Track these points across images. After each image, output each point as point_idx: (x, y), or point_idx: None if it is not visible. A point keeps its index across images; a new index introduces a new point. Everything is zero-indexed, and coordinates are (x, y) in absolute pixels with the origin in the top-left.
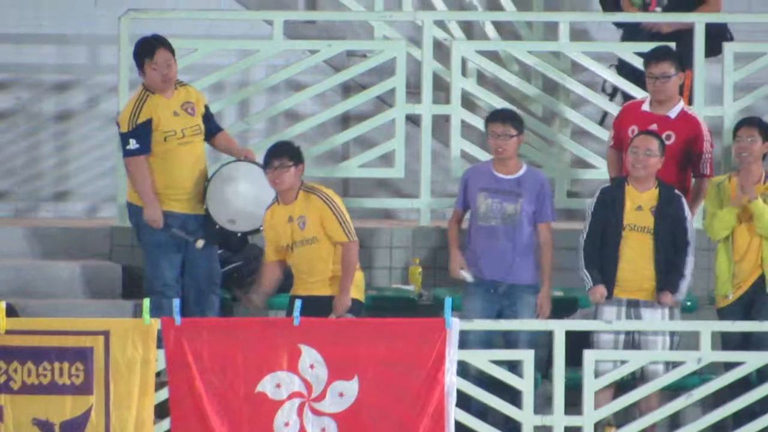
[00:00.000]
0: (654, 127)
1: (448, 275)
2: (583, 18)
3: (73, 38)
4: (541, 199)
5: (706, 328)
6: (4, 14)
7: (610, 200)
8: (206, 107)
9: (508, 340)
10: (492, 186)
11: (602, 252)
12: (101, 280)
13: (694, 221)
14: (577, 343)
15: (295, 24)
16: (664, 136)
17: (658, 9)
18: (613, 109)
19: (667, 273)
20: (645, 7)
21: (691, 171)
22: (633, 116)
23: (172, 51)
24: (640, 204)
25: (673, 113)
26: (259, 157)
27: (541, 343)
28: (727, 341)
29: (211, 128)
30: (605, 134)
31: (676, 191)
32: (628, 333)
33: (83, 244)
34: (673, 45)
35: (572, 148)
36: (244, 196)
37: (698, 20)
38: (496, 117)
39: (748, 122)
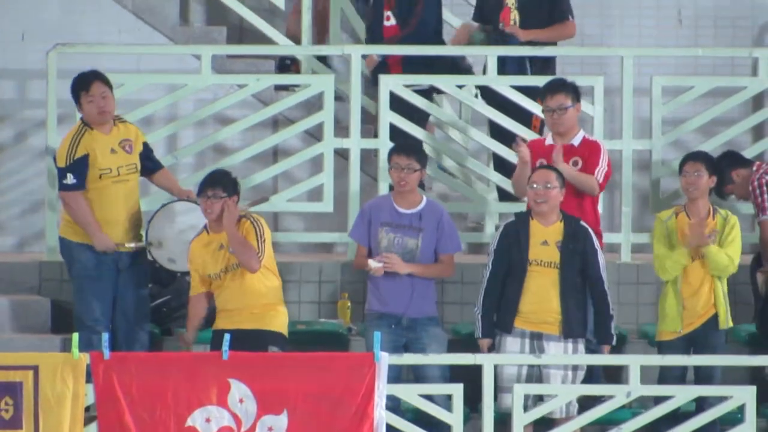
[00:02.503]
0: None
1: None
2: (509, 52)
3: (0, 72)
4: (441, 230)
5: (636, 362)
6: None
7: (515, 235)
8: (145, 144)
9: (418, 375)
10: (394, 221)
11: (507, 285)
12: (30, 314)
13: (624, 254)
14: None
15: (223, 58)
16: (571, 162)
17: (513, 22)
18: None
19: (596, 324)
20: (487, 41)
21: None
22: (538, 152)
23: (108, 84)
24: (545, 239)
25: (576, 141)
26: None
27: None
28: (666, 376)
29: (151, 166)
30: None
31: (583, 223)
32: (530, 366)
33: (12, 279)
34: (568, 78)
35: (501, 183)
36: (185, 236)
37: (626, 54)
38: (400, 149)
39: (694, 157)
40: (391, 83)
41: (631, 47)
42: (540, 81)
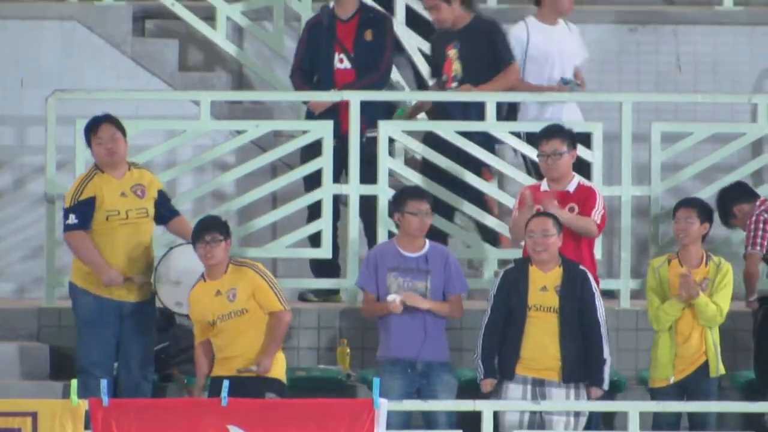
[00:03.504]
0: (556, 203)
1: (375, 356)
2: (509, 98)
3: (0, 118)
4: (448, 272)
5: (635, 408)
6: None
7: (514, 282)
8: (160, 192)
9: (428, 420)
10: (401, 265)
11: (507, 331)
12: (29, 360)
13: (624, 300)
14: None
15: (222, 104)
16: (567, 208)
17: (455, 84)
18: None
19: (588, 366)
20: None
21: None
22: (534, 198)
23: (119, 128)
24: (544, 284)
25: (571, 187)
26: None
27: None
28: (660, 423)
29: (165, 213)
30: None
31: (581, 267)
32: (533, 413)
33: (11, 325)
34: (563, 124)
35: (500, 229)
36: (192, 280)
37: (625, 100)
38: (417, 194)
39: (686, 203)
40: (390, 129)
41: (630, 93)
42: (537, 126)
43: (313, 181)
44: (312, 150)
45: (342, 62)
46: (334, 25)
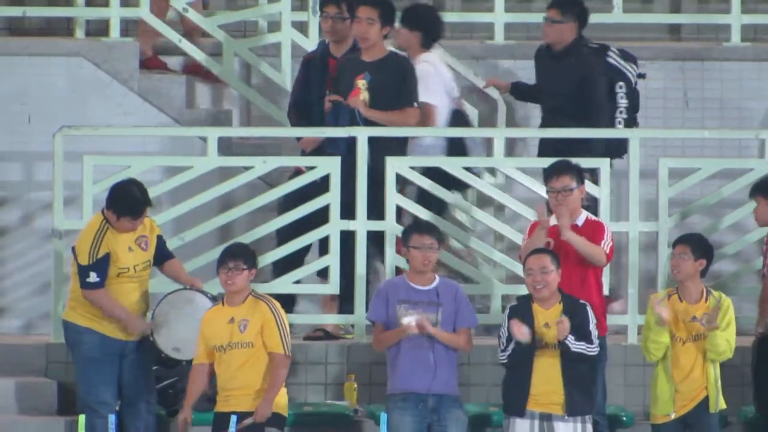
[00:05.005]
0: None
1: (382, 391)
2: (517, 134)
3: (7, 155)
4: (458, 306)
5: None
6: None
7: (522, 321)
8: (159, 237)
9: None
10: (412, 298)
11: (516, 368)
12: (36, 396)
13: (631, 336)
14: None
15: (230, 140)
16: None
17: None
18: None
19: (578, 393)
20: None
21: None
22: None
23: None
24: (547, 321)
25: (579, 221)
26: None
27: None
28: None
29: (162, 256)
30: None
31: (581, 301)
32: None
33: (18, 361)
34: (571, 160)
35: (506, 264)
36: (190, 325)
37: (633, 136)
38: (423, 230)
39: (681, 240)
40: (397, 165)
41: (638, 129)
42: (545, 163)
43: (289, 203)
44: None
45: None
46: (327, 62)
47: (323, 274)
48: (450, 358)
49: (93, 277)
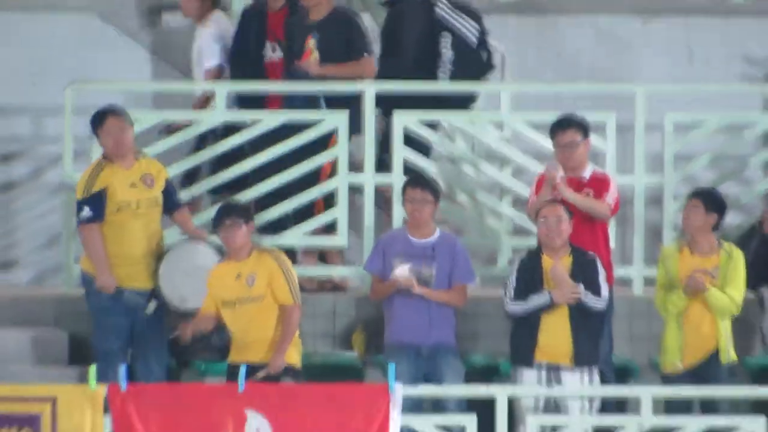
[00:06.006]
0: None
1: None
2: (524, 88)
3: (17, 109)
4: (455, 261)
5: (647, 393)
6: None
7: (530, 270)
8: (168, 181)
9: (436, 405)
10: (408, 251)
11: (523, 320)
12: (48, 347)
13: (637, 288)
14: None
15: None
16: (584, 193)
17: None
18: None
19: (585, 344)
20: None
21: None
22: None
23: (126, 119)
24: (557, 272)
25: (586, 174)
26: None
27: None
28: (672, 409)
29: (170, 203)
30: None
31: (590, 254)
32: (548, 399)
33: (30, 313)
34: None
35: (512, 216)
36: (195, 276)
37: (639, 90)
38: (415, 183)
39: (694, 193)
40: (405, 120)
41: (643, 83)
42: (550, 117)
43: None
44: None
45: (275, 51)
46: (265, 14)
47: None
48: (445, 310)
49: (86, 211)
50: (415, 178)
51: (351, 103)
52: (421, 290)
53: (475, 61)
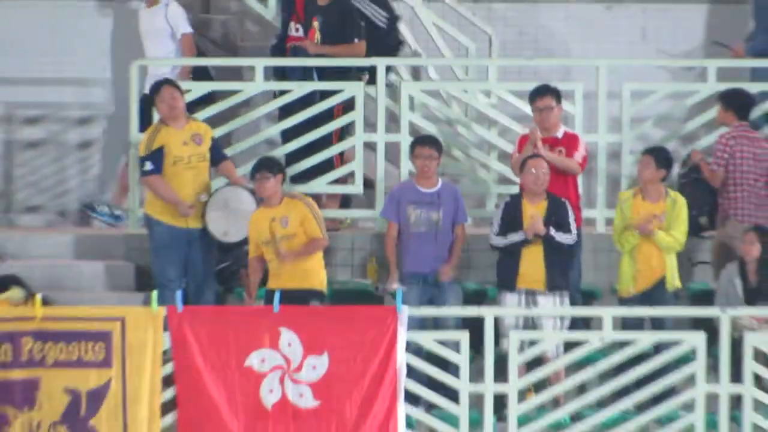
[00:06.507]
0: (547, 147)
1: (399, 272)
2: (508, 63)
3: (90, 81)
4: (456, 205)
5: (608, 313)
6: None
7: (512, 212)
8: (213, 139)
9: (438, 323)
10: (418, 199)
11: (507, 252)
12: (118, 276)
13: (600, 226)
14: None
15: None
16: (556, 151)
17: (317, 40)
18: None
19: (556, 272)
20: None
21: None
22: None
23: (177, 88)
24: (534, 214)
25: (559, 134)
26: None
27: None
28: (627, 325)
29: (217, 157)
30: None
31: (562, 199)
32: (526, 319)
33: (103, 248)
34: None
35: (498, 168)
36: (235, 214)
37: (601, 64)
38: (423, 142)
39: (647, 151)
40: (411, 88)
41: (605, 59)
42: (529, 86)
43: None
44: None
45: (297, 31)
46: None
47: None
48: (449, 245)
49: (148, 165)
50: (424, 138)
51: (344, 75)
52: (450, 264)
53: (382, 41)
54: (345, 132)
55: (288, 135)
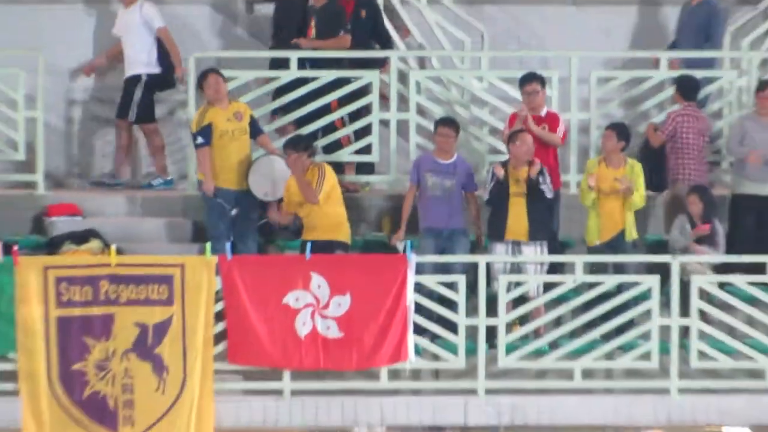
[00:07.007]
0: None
1: (411, 227)
2: (497, 54)
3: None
4: (468, 176)
5: (579, 259)
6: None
7: (500, 179)
8: (252, 117)
9: (445, 268)
10: (436, 168)
11: (496, 209)
12: (177, 231)
13: (573, 188)
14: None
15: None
16: (541, 126)
17: (314, 36)
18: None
19: (537, 225)
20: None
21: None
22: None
23: (221, 76)
24: (518, 178)
25: (543, 113)
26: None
27: None
28: (595, 270)
29: (255, 131)
30: None
31: (542, 165)
32: (513, 264)
33: (166, 207)
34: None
35: (489, 141)
36: (272, 178)
37: (573, 56)
38: (445, 123)
39: (610, 126)
40: (417, 75)
41: (576, 51)
42: (515, 74)
43: None
44: None
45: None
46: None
47: None
48: (459, 208)
49: (199, 140)
50: (444, 119)
51: (336, 65)
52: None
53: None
54: (363, 111)
55: (308, 116)
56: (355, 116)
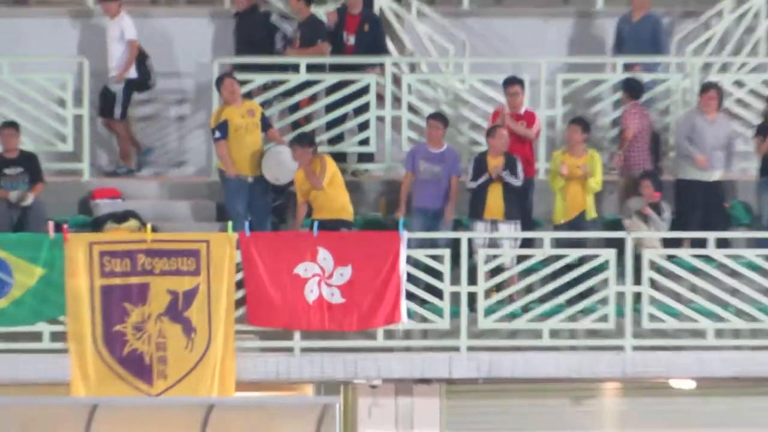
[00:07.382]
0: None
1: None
2: (482, 60)
3: (185, 74)
4: (454, 164)
5: (548, 235)
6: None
7: (480, 164)
8: (262, 113)
9: (432, 243)
10: (428, 156)
11: (477, 193)
12: (204, 212)
13: (542, 174)
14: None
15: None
16: (519, 123)
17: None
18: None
19: (511, 207)
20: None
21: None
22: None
23: (235, 79)
24: (495, 165)
25: (522, 111)
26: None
27: None
28: (560, 244)
29: (265, 125)
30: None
31: (515, 156)
32: (490, 240)
33: (193, 191)
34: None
35: (470, 135)
36: (282, 165)
37: (543, 62)
38: (435, 116)
39: (573, 120)
40: (409, 78)
41: (545, 58)
42: (494, 77)
43: None
44: None
45: (348, 41)
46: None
47: None
48: (446, 192)
49: (217, 134)
50: (434, 114)
51: (322, 69)
52: (449, 210)
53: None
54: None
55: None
56: (357, 112)
